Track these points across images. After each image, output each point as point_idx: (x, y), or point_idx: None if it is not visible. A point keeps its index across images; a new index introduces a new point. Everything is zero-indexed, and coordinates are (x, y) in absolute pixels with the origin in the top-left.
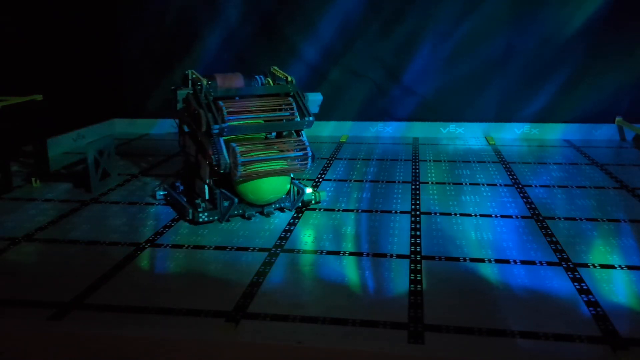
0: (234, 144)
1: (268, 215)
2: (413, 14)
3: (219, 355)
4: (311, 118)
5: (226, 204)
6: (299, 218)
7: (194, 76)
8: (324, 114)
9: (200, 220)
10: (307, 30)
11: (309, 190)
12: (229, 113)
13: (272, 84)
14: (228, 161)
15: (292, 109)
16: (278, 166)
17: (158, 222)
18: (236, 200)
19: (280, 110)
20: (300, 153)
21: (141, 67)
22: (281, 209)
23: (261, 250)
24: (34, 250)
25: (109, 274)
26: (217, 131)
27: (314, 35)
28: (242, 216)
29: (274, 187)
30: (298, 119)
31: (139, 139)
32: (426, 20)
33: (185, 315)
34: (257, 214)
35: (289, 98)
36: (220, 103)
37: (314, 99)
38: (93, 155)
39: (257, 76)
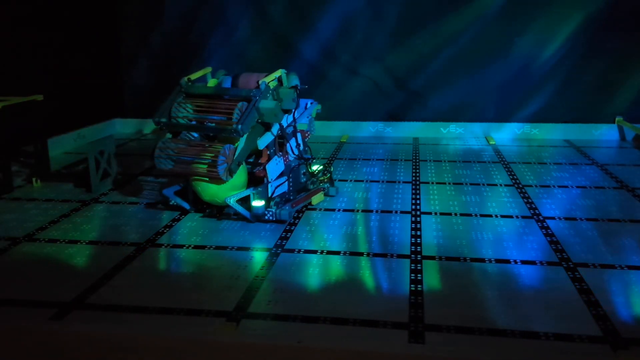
0: (163, 139)
1: (219, 218)
2: (414, 14)
3: (220, 355)
4: (238, 127)
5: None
6: (299, 218)
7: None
8: (325, 114)
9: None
10: (308, 30)
11: (257, 203)
12: (176, 109)
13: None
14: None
15: (230, 114)
16: (186, 168)
17: (159, 222)
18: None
19: (225, 114)
20: (209, 160)
21: (142, 67)
22: (237, 215)
23: (262, 250)
24: (34, 250)
25: (110, 274)
26: (156, 125)
27: (314, 35)
28: (202, 212)
29: (204, 189)
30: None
31: (139, 139)
32: (427, 20)
33: (186, 315)
34: (211, 213)
35: (240, 104)
36: (179, 100)
37: (264, 106)
38: (94, 156)
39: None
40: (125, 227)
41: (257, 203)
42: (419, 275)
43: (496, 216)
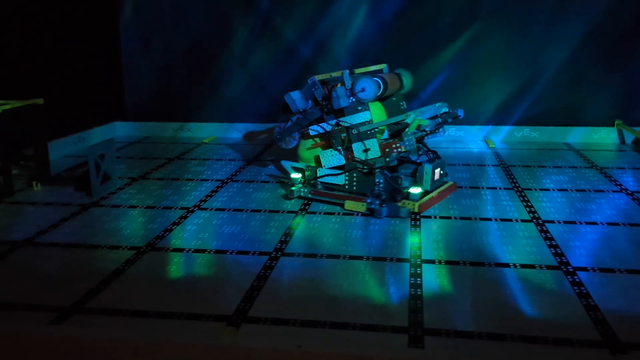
0: None
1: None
2: (413, 17)
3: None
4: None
5: None
6: (299, 222)
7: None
8: None
9: None
10: (307, 33)
11: (295, 175)
12: None
13: None
14: None
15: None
16: None
17: (159, 226)
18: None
19: None
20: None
21: (142, 70)
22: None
23: (262, 254)
24: (34, 254)
25: (110, 278)
26: None
27: (311, 36)
28: None
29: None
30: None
31: (139, 142)
32: (427, 23)
33: (186, 319)
34: None
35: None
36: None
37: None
38: (94, 159)
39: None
40: (125, 231)
41: (294, 175)
42: (418, 279)
43: (495, 220)
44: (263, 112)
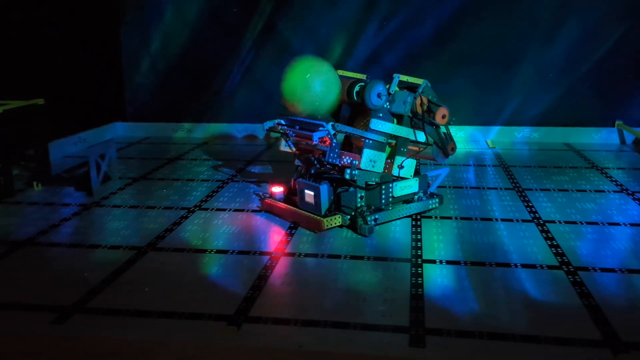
0: None
1: None
2: (413, 17)
3: (220, 359)
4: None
5: None
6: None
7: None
8: None
9: None
10: (308, 35)
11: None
12: None
13: None
14: None
15: None
16: None
17: (159, 226)
18: None
19: None
20: None
21: (142, 71)
22: None
23: (262, 253)
24: (35, 254)
25: (111, 278)
26: None
27: (314, 36)
28: None
29: None
30: None
31: (140, 142)
32: (427, 24)
33: (187, 319)
34: None
35: None
36: None
37: None
38: (94, 159)
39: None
40: (126, 231)
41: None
42: (419, 279)
43: (496, 220)
44: (263, 113)
